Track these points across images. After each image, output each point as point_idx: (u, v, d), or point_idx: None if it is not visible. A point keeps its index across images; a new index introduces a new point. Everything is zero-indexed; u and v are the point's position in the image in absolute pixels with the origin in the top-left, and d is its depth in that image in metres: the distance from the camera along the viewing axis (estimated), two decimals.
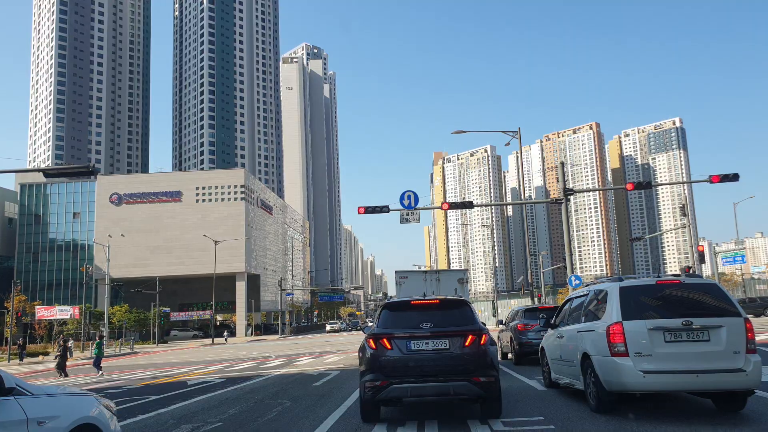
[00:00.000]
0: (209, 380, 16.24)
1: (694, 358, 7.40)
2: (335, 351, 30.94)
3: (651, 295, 8.05)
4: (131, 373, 22.77)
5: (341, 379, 14.57)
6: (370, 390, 7.60)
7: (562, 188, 25.31)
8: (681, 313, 7.63)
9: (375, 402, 7.73)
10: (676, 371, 7.39)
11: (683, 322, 7.52)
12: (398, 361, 7.58)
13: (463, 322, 7.97)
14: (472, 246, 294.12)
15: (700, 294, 8.04)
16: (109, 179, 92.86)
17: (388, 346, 7.67)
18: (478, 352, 7.62)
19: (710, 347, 7.44)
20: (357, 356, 8.71)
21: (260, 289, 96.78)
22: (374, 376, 7.59)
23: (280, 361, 24.94)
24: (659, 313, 7.72)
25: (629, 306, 7.88)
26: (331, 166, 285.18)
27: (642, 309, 7.82)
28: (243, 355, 34.08)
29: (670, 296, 7.99)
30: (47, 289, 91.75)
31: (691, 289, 8.13)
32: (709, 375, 7.31)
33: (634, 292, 8.10)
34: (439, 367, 7.51)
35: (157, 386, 15.76)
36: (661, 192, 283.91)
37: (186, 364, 26.88)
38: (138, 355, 44.38)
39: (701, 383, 7.37)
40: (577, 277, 24.27)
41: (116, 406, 11.18)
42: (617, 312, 7.88)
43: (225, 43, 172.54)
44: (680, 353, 7.45)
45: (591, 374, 8.23)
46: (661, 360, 7.46)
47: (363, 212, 26.03)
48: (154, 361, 33.34)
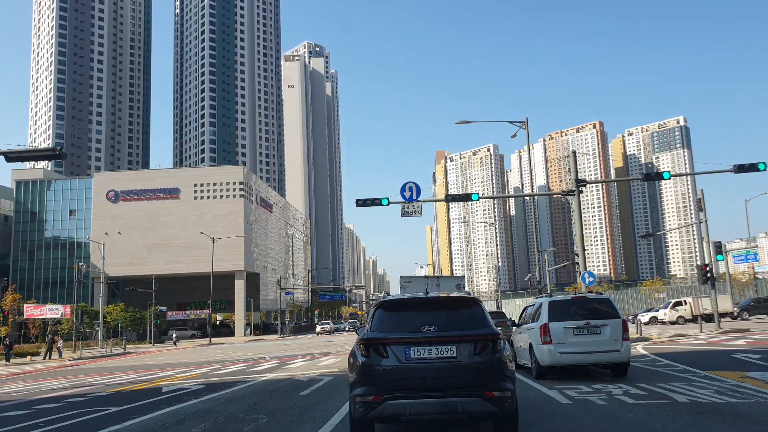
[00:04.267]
0: (187, 387, 14.64)
1: (591, 345, 11.87)
2: (332, 352, 29.39)
3: (567, 306, 12.55)
4: (110, 377, 21.21)
5: (332, 386, 13.01)
6: (361, 406, 6.24)
7: (574, 179, 23.69)
8: (584, 317, 12.13)
9: (367, 421, 6.36)
10: (580, 352, 11.92)
11: (584, 323, 12.06)
12: (395, 372, 6.25)
13: (474, 324, 6.58)
14: (475, 245, 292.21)
15: (597, 304, 12.47)
16: (106, 176, 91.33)
17: (383, 353, 6.34)
18: (492, 361, 6.30)
19: (600, 338, 11.90)
20: None
21: (260, 288, 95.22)
22: (366, 389, 6.25)
23: (272, 363, 23.37)
24: (571, 317, 12.17)
25: (554, 313, 12.31)
26: (332, 164, 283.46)
27: (561, 314, 12.24)
28: (237, 356, 32.61)
29: (579, 306, 12.48)
30: (43, 287, 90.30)
31: (592, 302, 12.66)
32: (599, 354, 11.87)
33: (558, 303, 12.67)
34: (444, 380, 6.22)
35: (127, 394, 14.18)
36: (665, 192, 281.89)
37: (174, 366, 25.34)
38: (130, 355, 42.86)
39: (594, 359, 12.02)
40: (590, 274, 22.67)
41: (67, 420, 9.87)
42: (546, 316, 12.32)
43: (226, 40, 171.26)
44: (583, 341, 11.92)
45: (533, 356, 12.70)
46: (571, 346, 11.93)
47: (360, 205, 24.47)
48: (144, 362, 31.80)
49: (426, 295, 7.01)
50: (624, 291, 69.17)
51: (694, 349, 19.17)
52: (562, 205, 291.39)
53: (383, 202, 24.37)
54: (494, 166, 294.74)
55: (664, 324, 42.63)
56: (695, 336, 27.40)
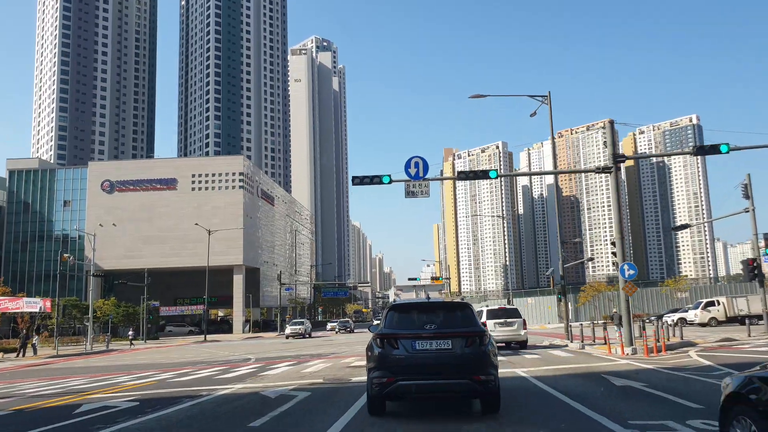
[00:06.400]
0: (113, 405, 11.06)
1: (508, 332, 23.95)
2: (327, 354, 25.86)
3: (496, 311, 25.30)
4: (55, 382, 17.72)
5: (303, 411, 9.47)
6: (377, 386, 7.90)
7: (611, 154, 20.07)
8: (504, 317, 24.32)
9: (381, 397, 8.09)
10: (503, 336, 23.53)
11: (504, 320, 24.13)
12: (404, 360, 7.87)
13: (465, 323, 8.28)
14: (483, 244, 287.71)
15: (512, 310, 25.60)
16: (102, 165, 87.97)
17: (395, 345, 7.96)
18: (479, 352, 7.90)
19: (512, 328, 24.06)
20: (345, 365, 11.76)
21: (260, 283, 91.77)
22: (382, 373, 7.88)
23: (251, 367, 19.83)
24: (498, 317, 24.29)
25: (489, 315, 24.61)
26: (339, 160, 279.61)
27: (492, 316, 24.46)
28: (221, 356, 29.40)
29: (503, 311, 25.33)
30: (36, 280, 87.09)
31: (509, 309, 25.86)
32: (512, 336, 24.04)
33: (492, 310, 25.68)
34: (442, 366, 7.80)
35: (30, 414, 10.65)
36: (676, 192, 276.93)
37: (139, 369, 21.89)
38: (111, 353, 39.47)
39: (510, 339, 24.05)
40: (630, 266, 19.00)
41: None
42: (485, 317, 24.26)
43: (231, 33, 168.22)
44: (504, 330, 23.83)
45: None
46: (498, 333, 23.11)
47: (357, 183, 20.87)
48: (114, 363, 28.38)
49: (428, 300, 9.03)
50: (642, 291, 65.08)
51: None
52: (571, 203, 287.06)
53: (384, 180, 20.74)
54: (503, 163, 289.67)
55: (694, 326, 38.79)
56: (745, 340, 23.65)
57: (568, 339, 26.20)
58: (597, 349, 21.24)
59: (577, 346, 22.90)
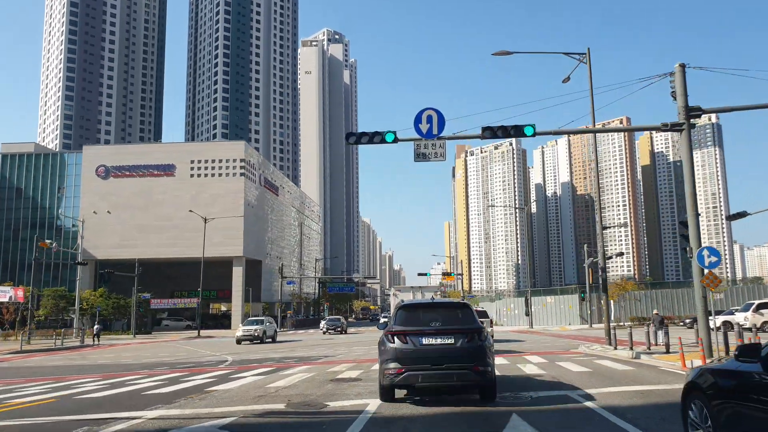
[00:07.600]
0: None
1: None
2: (315, 359, 21.42)
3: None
4: None
5: None
6: (389, 376, 8.75)
7: (682, 106, 15.38)
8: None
9: (392, 386, 8.99)
10: None
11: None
12: (412, 353, 8.74)
13: (465, 321, 9.26)
14: (494, 242, 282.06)
15: (479, 311, 23.66)
16: (97, 149, 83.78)
17: (404, 340, 8.85)
18: (478, 347, 8.81)
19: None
20: (330, 376, 13.11)
21: (262, 276, 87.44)
22: (393, 364, 8.71)
23: (210, 376, 15.36)
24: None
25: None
26: (349, 155, 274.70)
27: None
28: (199, 356, 25.86)
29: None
30: (27, 269, 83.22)
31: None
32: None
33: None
34: (445, 359, 8.69)
35: None
36: None
37: (69, 374, 17.64)
38: (81, 350, 35.22)
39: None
40: (712, 251, 14.35)
41: None
42: None
43: (241, 22, 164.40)
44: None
45: None
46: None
47: (354, 142, 16.31)
48: (72, 362, 24.16)
49: (433, 300, 10.80)
50: (669, 291, 60.00)
51: None
52: (585, 203, 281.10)
53: (388, 138, 16.09)
54: (516, 161, 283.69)
55: (745, 330, 33.88)
56: None
57: (609, 344, 21.52)
58: (658, 359, 16.45)
59: (628, 353, 18.21)
